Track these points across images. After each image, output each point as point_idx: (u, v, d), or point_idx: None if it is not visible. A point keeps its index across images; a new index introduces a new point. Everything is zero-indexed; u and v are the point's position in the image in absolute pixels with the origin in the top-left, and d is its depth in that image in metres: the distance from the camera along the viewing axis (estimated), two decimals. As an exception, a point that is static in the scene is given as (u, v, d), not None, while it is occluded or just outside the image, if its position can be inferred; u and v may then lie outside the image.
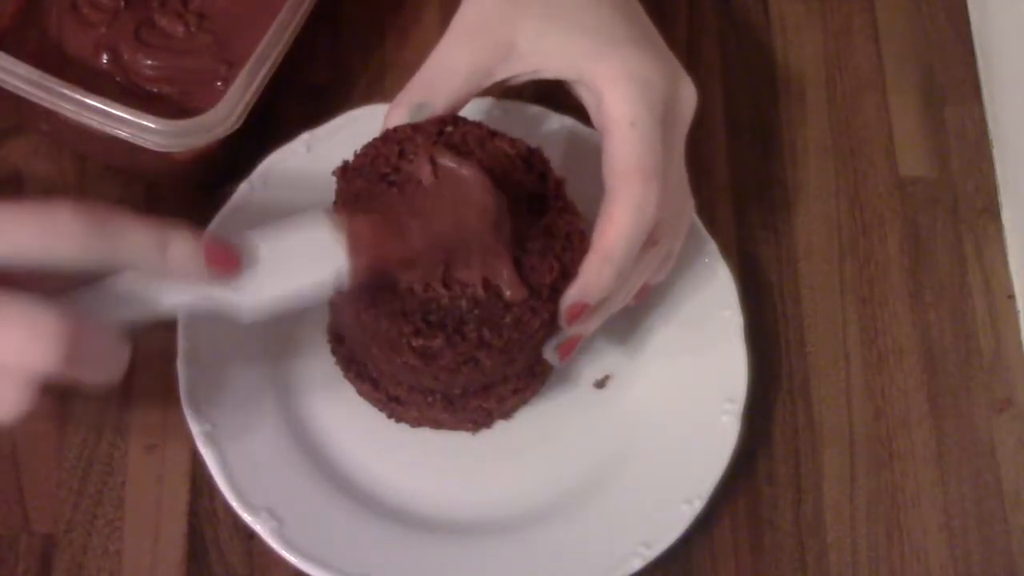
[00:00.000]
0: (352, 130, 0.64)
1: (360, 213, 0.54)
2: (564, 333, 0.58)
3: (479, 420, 0.65)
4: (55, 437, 0.63)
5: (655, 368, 0.66)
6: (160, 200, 0.68)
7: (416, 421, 0.64)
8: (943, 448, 0.69)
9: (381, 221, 0.54)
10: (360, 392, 0.64)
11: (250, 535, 0.61)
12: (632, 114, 0.56)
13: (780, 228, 0.73)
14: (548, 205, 0.57)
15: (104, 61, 0.66)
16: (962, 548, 0.67)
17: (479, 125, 0.58)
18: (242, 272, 0.52)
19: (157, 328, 0.62)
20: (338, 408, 0.64)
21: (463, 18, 0.59)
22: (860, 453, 0.68)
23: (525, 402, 0.65)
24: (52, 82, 0.61)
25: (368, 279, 0.53)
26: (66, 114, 0.61)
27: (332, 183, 0.57)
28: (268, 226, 0.53)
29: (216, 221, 0.64)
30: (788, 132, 0.76)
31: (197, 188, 0.68)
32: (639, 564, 0.61)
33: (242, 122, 0.62)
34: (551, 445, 0.65)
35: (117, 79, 0.66)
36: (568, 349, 0.60)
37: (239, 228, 0.64)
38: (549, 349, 0.59)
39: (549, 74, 0.59)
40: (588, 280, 0.56)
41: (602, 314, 0.59)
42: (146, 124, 0.60)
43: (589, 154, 0.59)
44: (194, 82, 0.66)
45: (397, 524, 0.62)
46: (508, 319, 0.55)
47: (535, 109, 0.69)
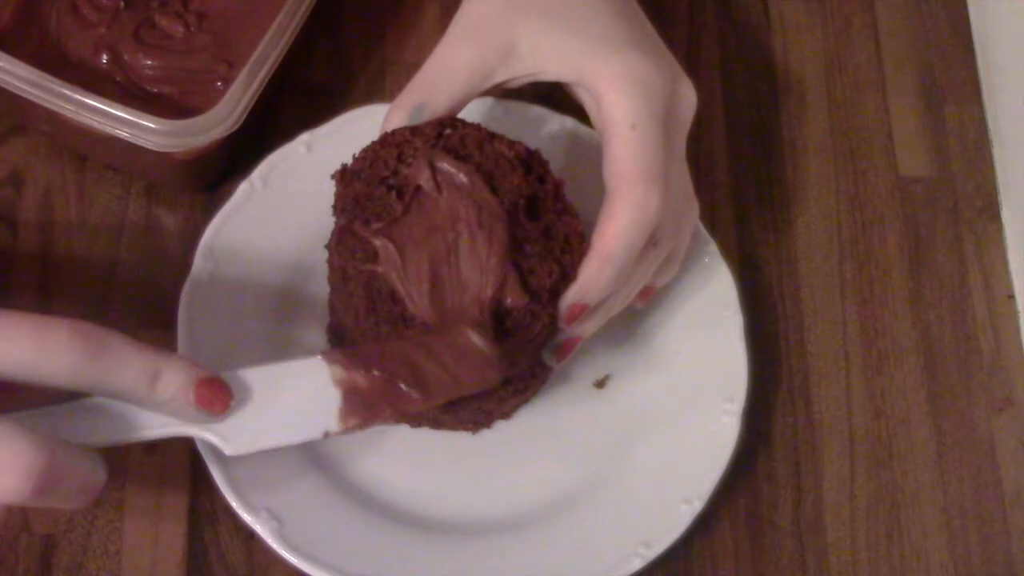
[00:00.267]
0: (352, 130, 0.64)
1: (359, 367, 0.54)
2: (563, 334, 0.58)
3: (479, 420, 0.64)
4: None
5: (655, 368, 0.66)
6: (160, 200, 0.68)
7: (416, 421, 0.64)
8: (943, 448, 0.69)
9: (381, 380, 0.53)
10: (360, 392, 0.64)
11: (250, 535, 0.61)
12: (633, 116, 0.56)
13: (780, 228, 0.73)
14: (547, 207, 0.57)
15: (104, 61, 0.66)
16: (962, 548, 0.67)
17: (478, 127, 0.58)
18: (230, 411, 0.52)
19: (157, 328, 0.63)
20: (338, 408, 0.64)
21: (463, 19, 0.59)
22: (860, 453, 0.68)
23: (525, 402, 0.65)
24: (52, 82, 0.61)
25: (359, 429, 0.54)
26: (66, 114, 0.61)
27: (332, 184, 0.57)
28: (265, 364, 0.53)
29: (216, 221, 0.64)
30: (788, 132, 0.76)
31: (197, 188, 0.68)
32: (639, 564, 0.61)
33: (242, 122, 0.62)
34: (551, 445, 0.65)
35: (117, 79, 0.66)
36: (566, 350, 0.59)
37: (239, 228, 0.65)
38: (547, 350, 0.59)
39: (549, 76, 0.59)
40: (588, 280, 0.56)
41: (602, 315, 0.59)
42: (146, 124, 0.60)
43: (590, 155, 0.58)
44: (194, 82, 0.66)
45: (397, 524, 0.62)
46: (508, 323, 0.55)
47: (535, 110, 0.69)
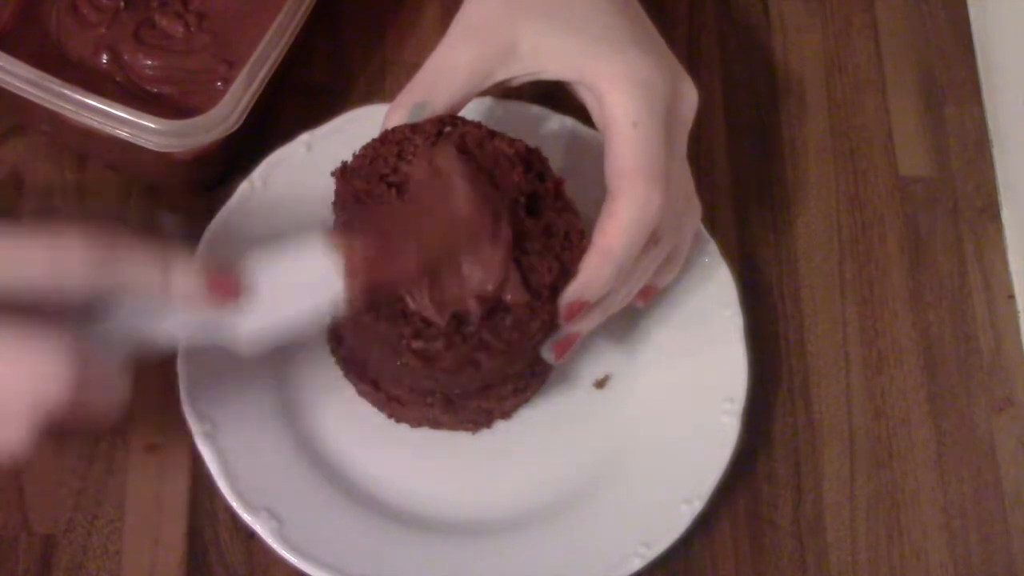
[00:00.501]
0: (352, 130, 0.64)
1: (356, 233, 0.54)
2: (562, 330, 0.58)
3: (479, 420, 0.64)
4: (55, 437, 0.63)
5: (655, 368, 0.66)
6: (160, 200, 0.68)
7: (416, 421, 0.64)
8: (943, 448, 0.69)
9: (376, 241, 0.54)
10: (360, 392, 0.64)
11: (250, 535, 0.61)
12: (634, 114, 0.56)
13: (780, 228, 0.73)
14: (547, 205, 0.57)
15: (104, 61, 0.66)
16: (962, 548, 0.67)
17: (478, 125, 0.58)
18: (242, 299, 0.52)
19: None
20: (338, 408, 0.64)
21: (464, 18, 0.59)
22: (860, 453, 0.68)
23: (525, 402, 0.65)
24: (52, 82, 0.61)
25: (366, 301, 0.53)
26: (66, 114, 0.61)
27: (332, 183, 0.57)
28: (263, 249, 0.53)
29: (216, 221, 0.64)
30: (788, 132, 0.76)
31: (197, 188, 0.68)
32: (639, 564, 0.61)
33: (242, 122, 0.62)
34: (551, 445, 0.65)
35: (117, 79, 0.66)
36: (565, 347, 0.59)
37: (239, 228, 0.64)
38: (546, 347, 0.59)
39: (550, 75, 0.59)
40: (588, 277, 0.56)
41: (601, 313, 0.59)
42: (146, 124, 0.60)
43: (589, 155, 0.58)
44: (194, 82, 0.66)
45: (397, 524, 0.62)
46: (508, 321, 0.55)
47: (536, 109, 0.69)
